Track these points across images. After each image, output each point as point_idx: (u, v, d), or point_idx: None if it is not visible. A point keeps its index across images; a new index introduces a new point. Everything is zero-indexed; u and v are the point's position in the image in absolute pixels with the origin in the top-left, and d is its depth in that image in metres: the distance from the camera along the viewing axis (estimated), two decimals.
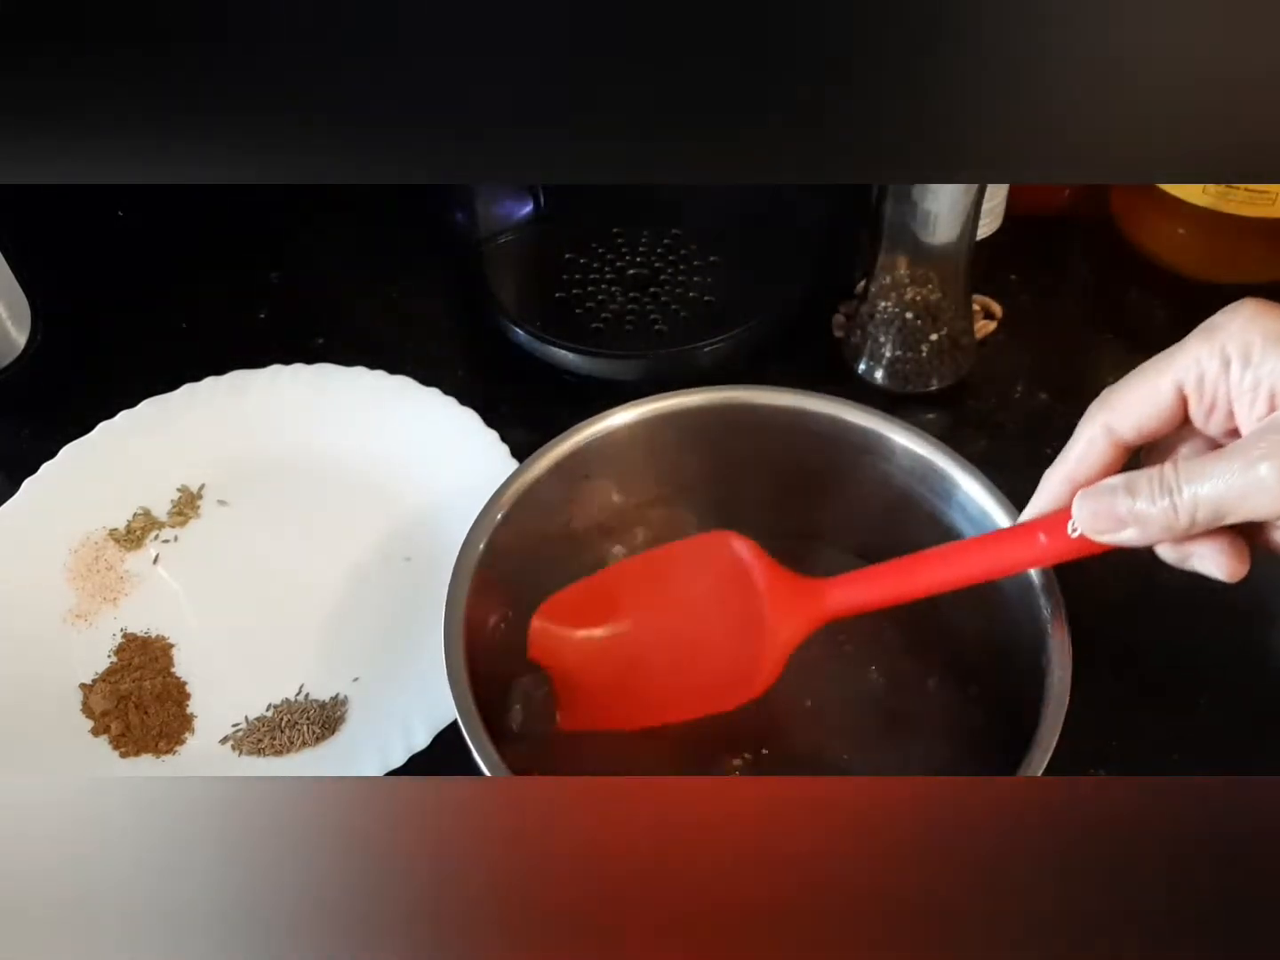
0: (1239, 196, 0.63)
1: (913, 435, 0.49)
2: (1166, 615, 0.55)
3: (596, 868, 0.31)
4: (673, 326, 0.66)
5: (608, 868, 0.31)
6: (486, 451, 0.60)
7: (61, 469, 0.61)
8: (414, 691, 0.52)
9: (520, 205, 0.71)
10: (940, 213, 0.57)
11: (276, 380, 0.65)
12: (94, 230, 0.78)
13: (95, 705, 0.54)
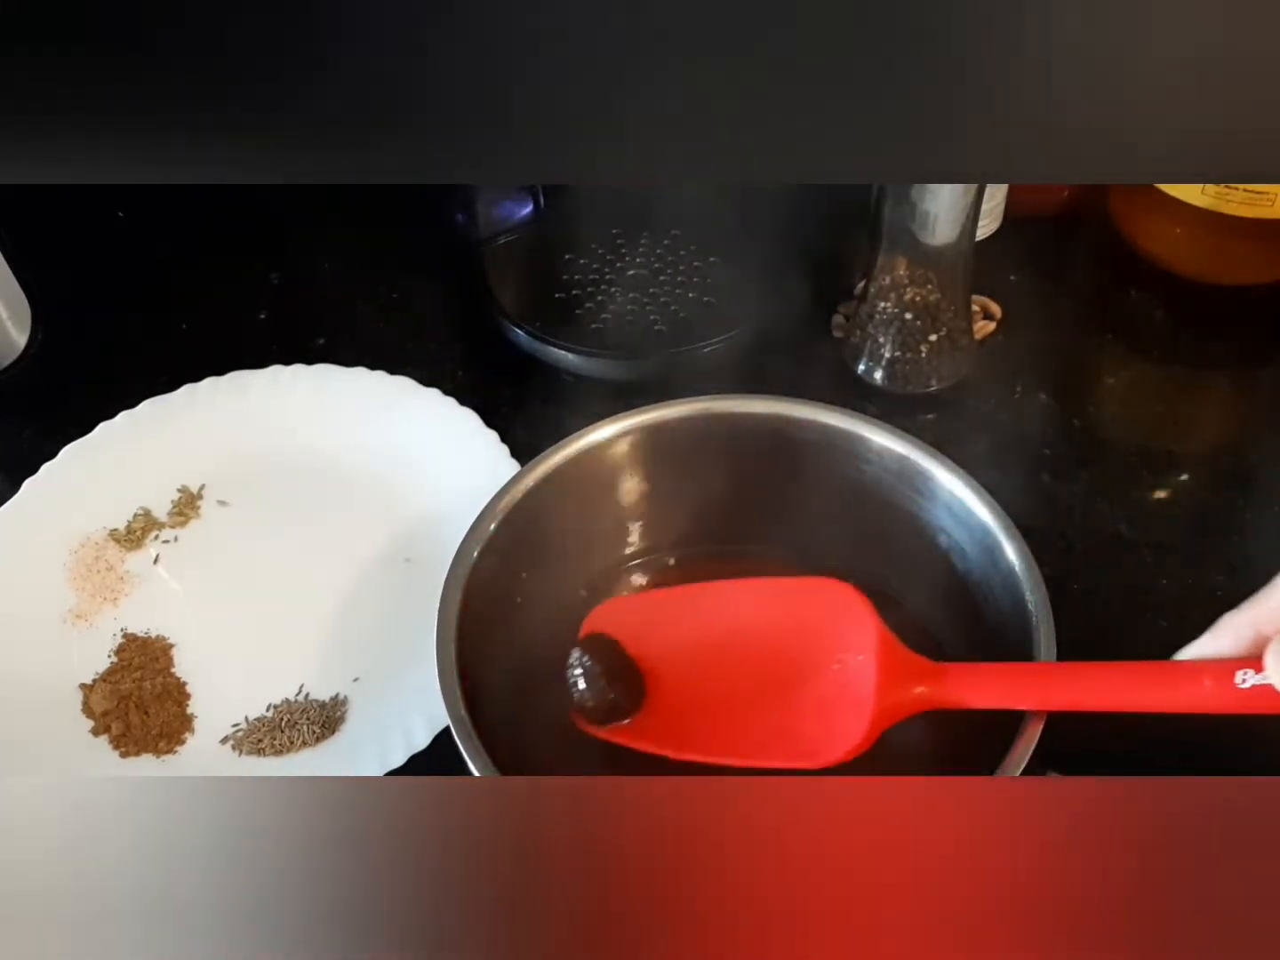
0: (1238, 197, 0.63)
1: (895, 437, 0.49)
2: (1164, 616, 0.55)
3: (596, 868, 0.31)
4: (673, 326, 0.66)
5: (607, 868, 0.31)
6: (486, 451, 0.60)
7: (61, 469, 0.61)
8: (414, 691, 0.52)
9: (520, 205, 0.71)
10: (940, 213, 0.57)
11: (276, 380, 0.65)
12: (94, 230, 0.78)
13: (95, 705, 0.54)
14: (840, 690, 0.43)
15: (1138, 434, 0.64)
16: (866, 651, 0.43)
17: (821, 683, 0.43)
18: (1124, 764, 0.49)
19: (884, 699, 0.42)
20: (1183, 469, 0.62)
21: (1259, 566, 0.39)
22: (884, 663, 0.42)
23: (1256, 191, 0.63)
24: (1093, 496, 0.60)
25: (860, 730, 0.41)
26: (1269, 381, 0.66)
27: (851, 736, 0.42)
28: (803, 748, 0.43)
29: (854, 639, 0.43)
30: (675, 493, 0.53)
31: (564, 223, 0.71)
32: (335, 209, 0.77)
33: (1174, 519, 0.60)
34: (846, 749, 0.41)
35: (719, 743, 0.44)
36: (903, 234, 0.59)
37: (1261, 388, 0.66)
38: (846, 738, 0.42)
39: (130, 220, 0.78)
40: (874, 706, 0.42)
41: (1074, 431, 0.63)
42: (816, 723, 0.43)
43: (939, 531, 0.49)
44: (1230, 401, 0.67)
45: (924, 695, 0.42)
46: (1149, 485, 0.61)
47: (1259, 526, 0.58)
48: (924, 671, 0.42)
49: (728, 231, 0.70)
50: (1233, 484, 0.61)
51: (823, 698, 0.43)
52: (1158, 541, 0.58)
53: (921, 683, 0.42)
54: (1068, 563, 0.57)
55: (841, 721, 0.42)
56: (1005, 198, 0.70)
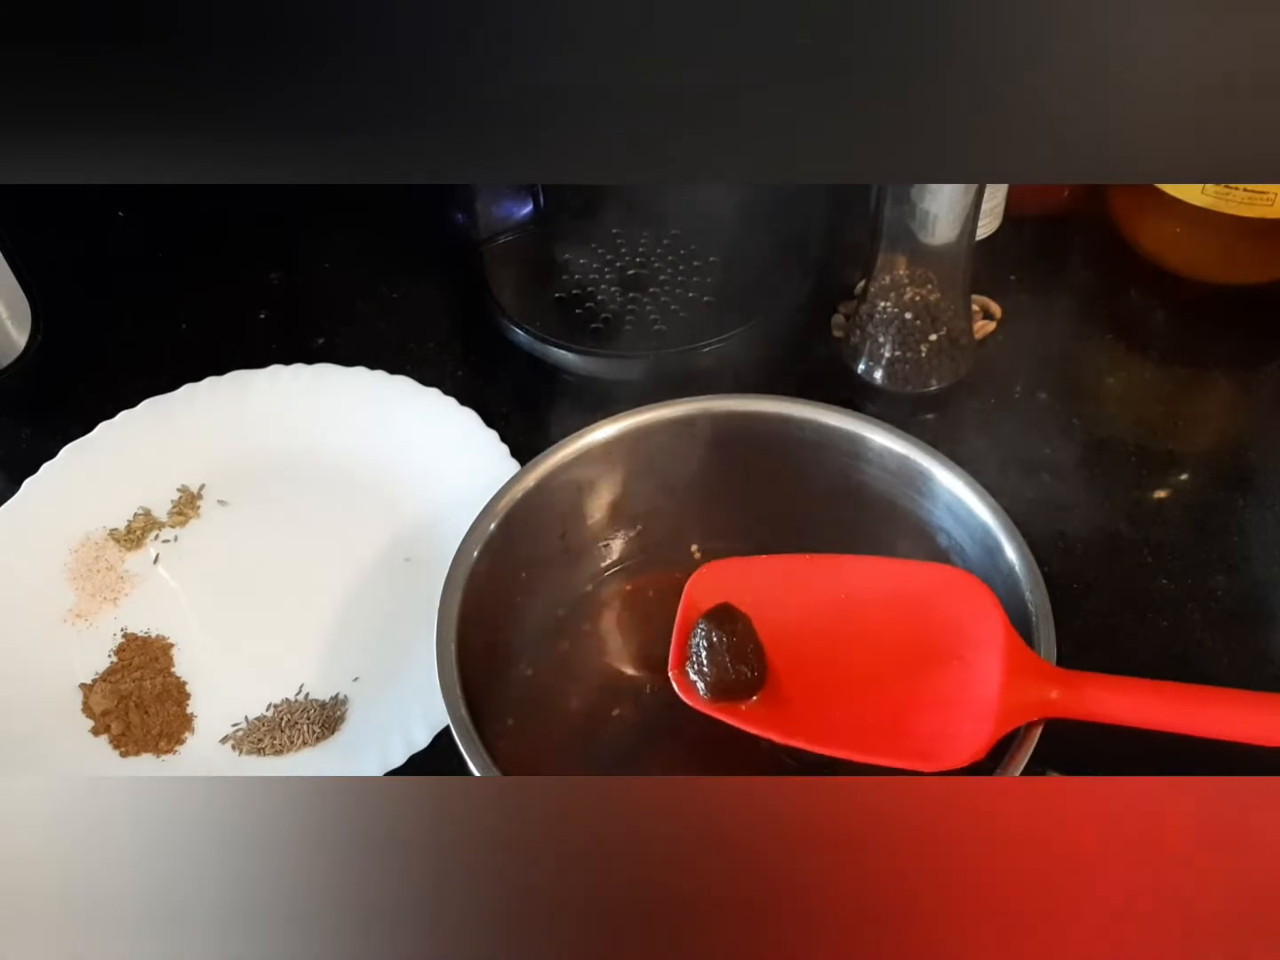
0: (1238, 197, 0.63)
1: (895, 437, 0.49)
2: (1164, 616, 0.55)
3: (596, 868, 0.31)
4: (673, 326, 0.66)
5: (607, 868, 0.31)
6: (486, 451, 0.60)
7: (61, 469, 0.61)
8: (414, 691, 0.52)
9: (520, 205, 0.71)
10: (940, 213, 0.57)
11: (276, 380, 0.65)
12: (94, 230, 0.78)
13: (95, 705, 0.54)
14: (961, 688, 0.41)
15: (1138, 434, 0.64)
16: (992, 649, 0.40)
17: (941, 678, 0.41)
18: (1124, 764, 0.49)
19: (1009, 700, 0.39)
20: (1183, 469, 0.62)
21: (1259, 566, 0.39)
22: (1010, 662, 0.40)
23: (1256, 191, 0.63)
24: (1093, 496, 0.60)
25: (985, 734, 0.39)
26: (1269, 381, 0.66)
27: (974, 739, 0.39)
28: (919, 747, 0.40)
29: (978, 634, 0.41)
30: (675, 493, 0.53)
31: (564, 223, 0.71)
32: (335, 209, 0.77)
33: (1174, 519, 0.60)
34: (969, 753, 0.39)
35: (829, 732, 0.41)
36: (903, 234, 0.59)
37: (1261, 388, 0.66)
38: (968, 741, 0.39)
39: (130, 220, 0.78)
40: (998, 708, 0.39)
41: (1074, 431, 0.63)
42: (934, 721, 0.41)
43: (939, 531, 0.49)
44: (1230, 401, 0.67)
45: (1055, 701, 0.39)
46: (1149, 485, 0.61)
47: (1259, 526, 0.58)
48: (1053, 676, 0.40)
49: (728, 231, 0.70)
50: (1233, 484, 0.61)
51: (941, 694, 0.41)
52: (1158, 541, 0.58)
53: (1053, 687, 0.39)
54: (1068, 563, 0.57)
55: (961, 722, 0.40)
56: (1005, 197, 0.70)
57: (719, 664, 0.42)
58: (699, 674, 0.43)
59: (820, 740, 0.41)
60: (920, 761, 0.40)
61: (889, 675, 0.42)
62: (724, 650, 0.42)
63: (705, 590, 0.45)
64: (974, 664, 0.41)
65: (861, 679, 0.43)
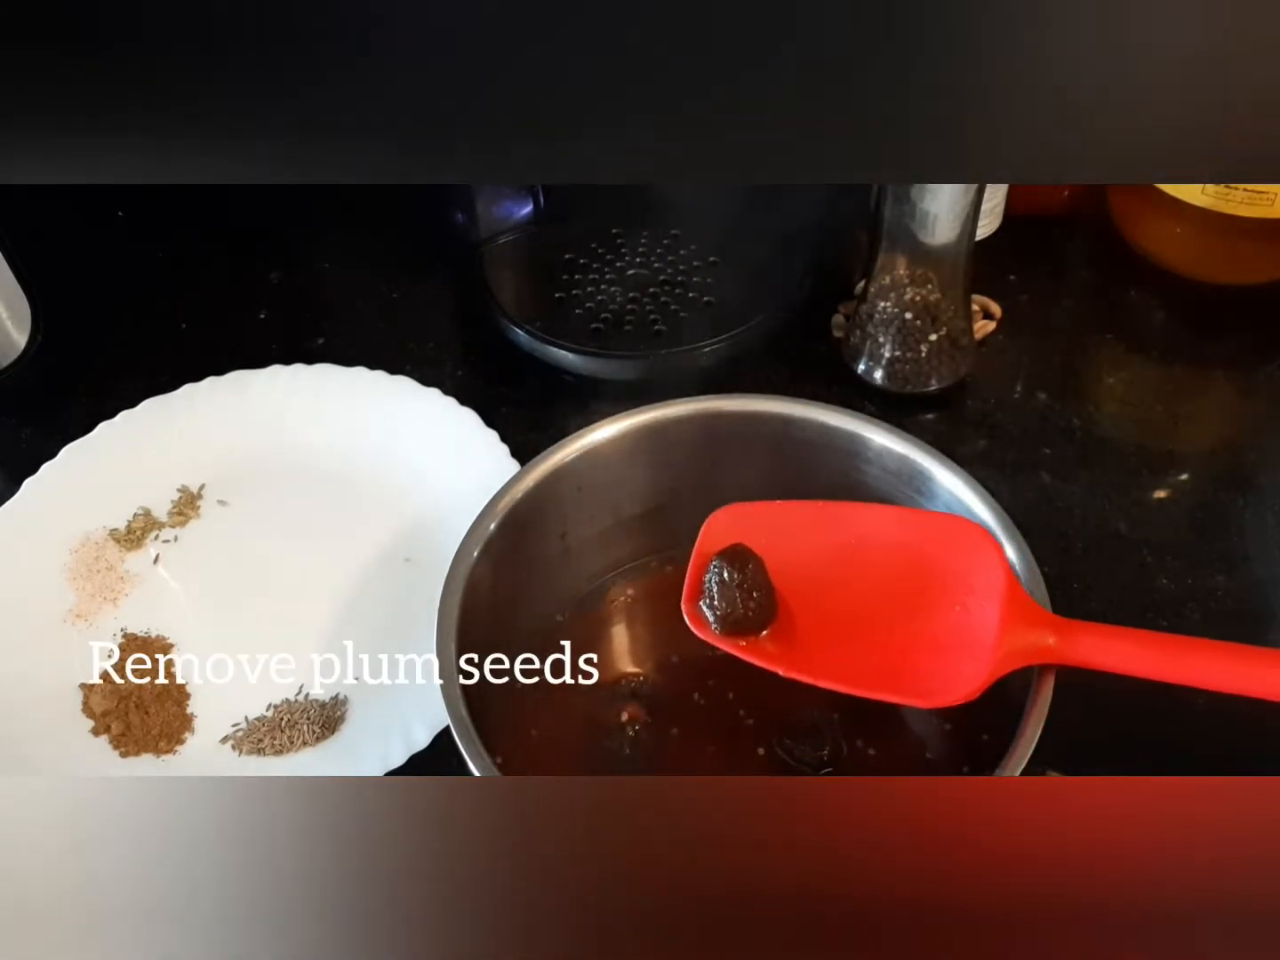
0: (1238, 197, 0.63)
1: (895, 437, 0.49)
2: (1164, 616, 0.55)
3: (595, 868, 0.31)
4: (673, 326, 0.66)
5: (607, 868, 0.31)
6: (486, 451, 0.60)
7: (61, 469, 0.61)
8: (414, 691, 0.52)
9: (520, 205, 0.71)
10: (939, 213, 0.57)
11: (276, 380, 0.65)
12: (94, 230, 0.78)
13: (95, 705, 0.54)
14: (960, 632, 0.42)
15: (1138, 434, 0.64)
16: (993, 595, 0.42)
17: (942, 621, 0.43)
18: (1124, 764, 0.50)
19: (1007, 644, 0.41)
20: (1183, 469, 0.62)
21: (1259, 566, 0.39)
22: (1010, 608, 0.42)
23: (1256, 191, 0.63)
24: (1093, 496, 0.60)
25: (981, 675, 0.41)
26: (1269, 381, 0.66)
27: (971, 680, 0.41)
28: (918, 684, 0.42)
29: (982, 581, 0.43)
30: (675, 493, 0.53)
31: (564, 223, 0.71)
32: (335, 209, 0.77)
33: (1174, 519, 0.60)
34: (965, 691, 0.41)
35: (832, 667, 0.43)
36: (903, 234, 0.59)
37: (1261, 388, 0.66)
38: (965, 681, 0.41)
39: (130, 220, 0.78)
40: (996, 651, 0.41)
41: (1074, 431, 0.63)
42: (934, 661, 0.42)
43: None
44: (1230, 401, 0.67)
45: (1052, 648, 0.41)
46: (1149, 485, 0.61)
47: (1259, 526, 0.58)
48: (1051, 623, 0.42)
49: (728, 231, 0.70)
50: (1233, 484, 0.61)
51: (941, 636, 0.43)
52: (1158, 541, 0.58)
53: (1051, 634, 0.41)
54: (1068, 563, 0.57)
55: (960, 664, 0.42)
56: (1005, 197, 0.70)
57: (730, 599, 0.44)
58: (710, 608, 0.45)
59: (823, 675, 0.43)
60: (918, 698, 0.42)
61: (894, 617, 0.44)
62: (735, 586, 0.44)
63: (720, 531, 0.47)
64: (975, 609, 0.43)
65: (867, 620, 0.45)
